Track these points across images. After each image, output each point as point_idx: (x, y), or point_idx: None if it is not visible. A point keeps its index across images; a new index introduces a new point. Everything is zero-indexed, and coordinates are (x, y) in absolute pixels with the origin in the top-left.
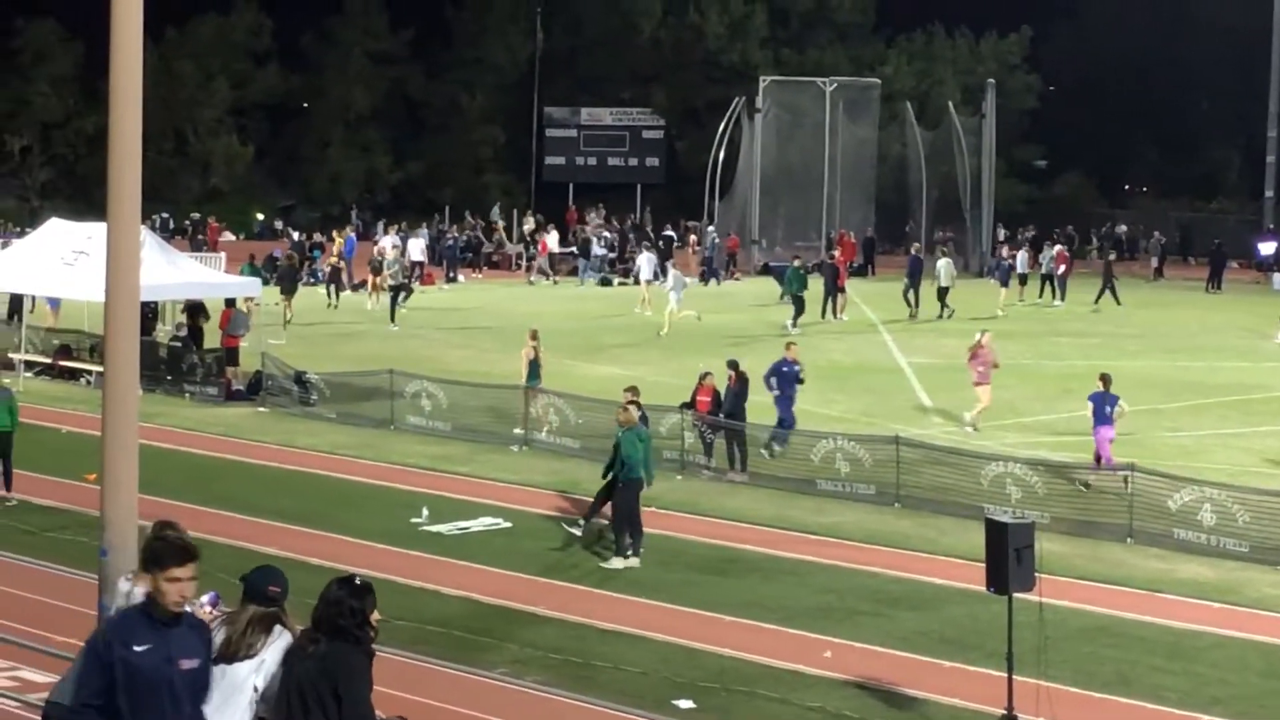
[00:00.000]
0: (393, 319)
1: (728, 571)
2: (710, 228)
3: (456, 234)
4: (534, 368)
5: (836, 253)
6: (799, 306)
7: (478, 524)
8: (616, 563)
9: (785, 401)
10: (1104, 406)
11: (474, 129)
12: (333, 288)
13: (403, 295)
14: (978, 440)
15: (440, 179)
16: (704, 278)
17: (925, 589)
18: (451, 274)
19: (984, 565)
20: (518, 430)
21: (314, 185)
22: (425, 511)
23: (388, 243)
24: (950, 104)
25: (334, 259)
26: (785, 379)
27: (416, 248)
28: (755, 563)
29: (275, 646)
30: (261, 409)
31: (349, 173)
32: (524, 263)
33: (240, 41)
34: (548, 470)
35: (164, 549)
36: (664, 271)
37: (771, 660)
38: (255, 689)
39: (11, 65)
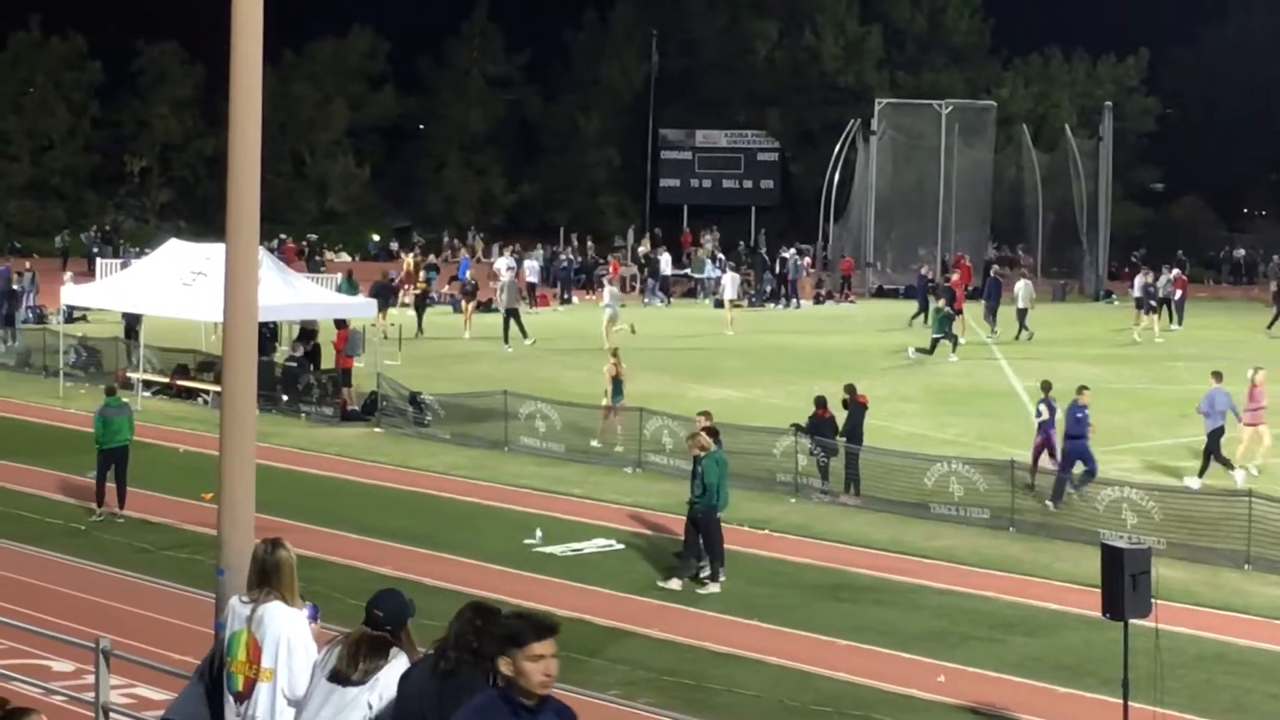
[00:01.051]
0: (506, 340)
1: (841, 595)
2: (790, 250)
3: (571, 256)
4: (617, 385)
5: (955, 276)
6: (934, 347)
7: (591, 545)
8: (714, 588)
9: (1083, 444)
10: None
11: (589, 151)
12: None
13: (515, 317)
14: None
15: (555, 201)
16: (776, 298)
17: (1040, 614)
18: (566, 295)
19: (1099, 591)
20: (609, 447)
21: (429, 207)
22: (539, 533)
23: (502, 264)
24: (1067, 127)
25: (420, 284)
26: (1082, 423)
27: (531, 269)
28: (868, 586)
29: (390, 668)
30: (376, 429)
31: (464, 194)
32: (638, 284)
33: (357, 64)
34: (660, 492)
35: (524, 626)
36: (772, 294)
37: (884, 685)
38: (370, 706)
39: (132, 87)
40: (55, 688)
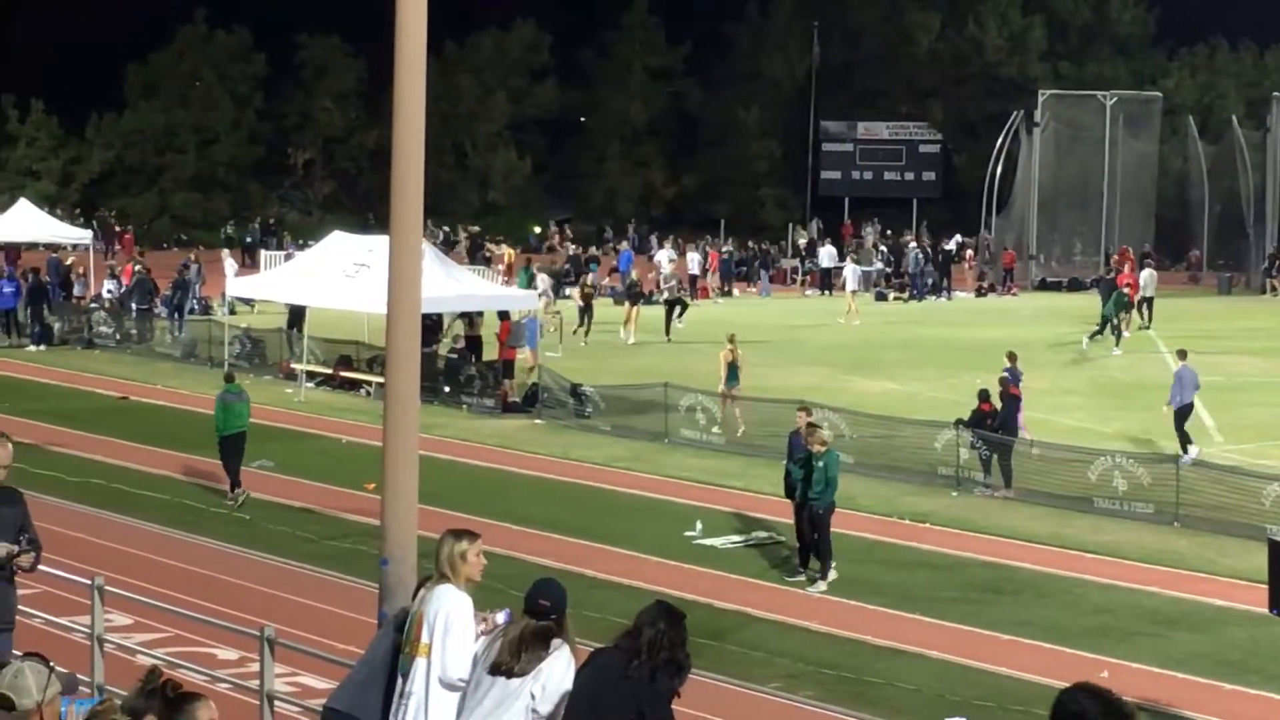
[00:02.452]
0: (668, 333)
1: (1002, 589)
2: (912, 244)
3: (732, 248)
4: (733, 370)
5: (1123, 270)
6: (1103, 326)
7: (751, 538)
8: (821, 586)
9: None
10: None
11: (750, 143)
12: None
13: (679, 310)
14: (1259, 460)
15: (716, 193)
16: (937, 290)
17: (1204, 610)
18: (726, 288)
19: (1266, 587)
20: (731, 433)
21: (590, 199)
22: (699, 525)
23: (663, 256)
24: (1234, 118)
25: (587, 287)
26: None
27: (693, 261)
28: (1030, 581)
29: (554, 658)
30: (537, 421)
31: (625, 187)
32: (799, 276)
33: (519, 57)
34: None
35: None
36: (933, 286)
37: (1047, 679)
38: (532, 696)
39: (296, 80)
40: (221, 675)
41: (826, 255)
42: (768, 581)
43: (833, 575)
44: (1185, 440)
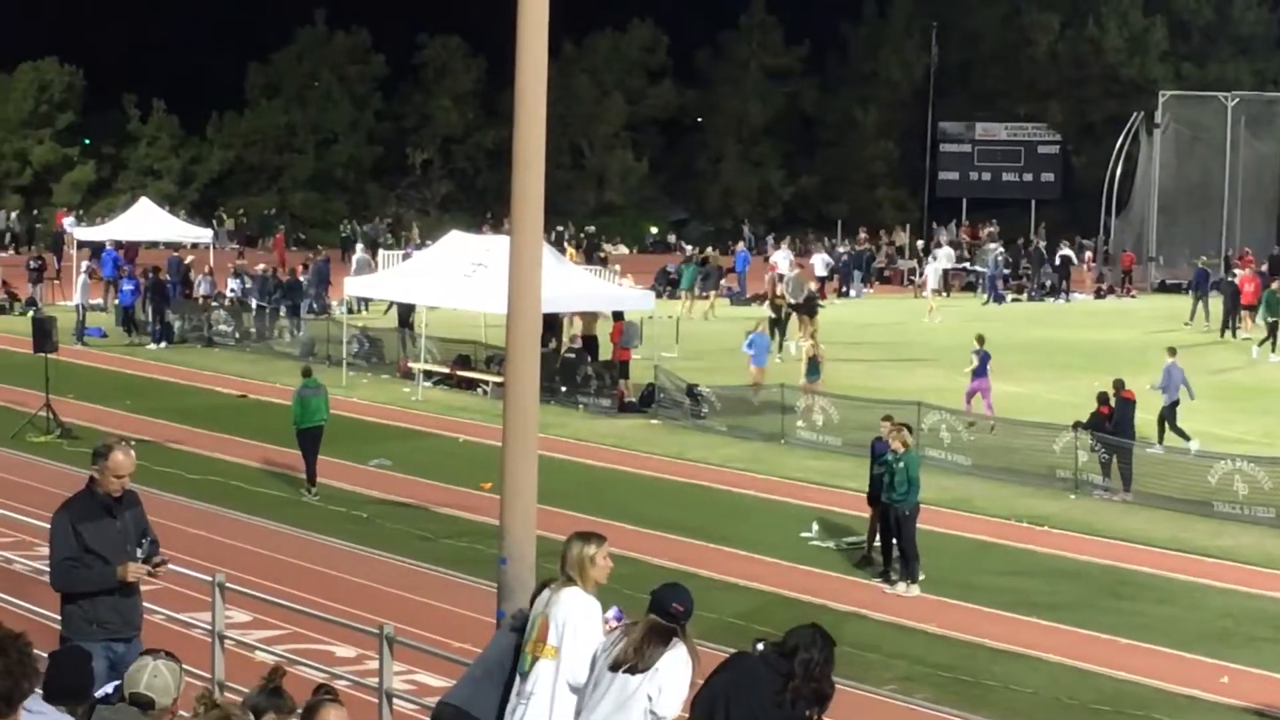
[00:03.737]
0: (771, 334)
1: (1121, 593)
2: (991, 245)
3: (850, 249)
4: (813, 365)
5: (1242, 272)
6: (1272, 331)
7: (866, 539)
8: (907, 588)
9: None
10: (986, 362)
11: (868, 144)
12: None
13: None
14: None
15: (833, 194)
16: (1055, 292)
17: None
18: (845, 289)
19: None
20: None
21: (707, 199)
22: (815, 526)
23: (781, 258)
24: None
25: (779, 299)
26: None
27: (820, 262)
28: (1149, 584)
29: (670, 658)
30: (653, 421)
31: (742, 187)
32: (916, 277)
33: (636, 57)
34: (938, 487)
35: None
36: (1051, 288)
37: (1166, 684)
38: (649, 698)
39: (415, 80)
40: (339, 672)
41: (944, 256)
42: (884, 583)
43: (921, 577)
44: (1180, 435)
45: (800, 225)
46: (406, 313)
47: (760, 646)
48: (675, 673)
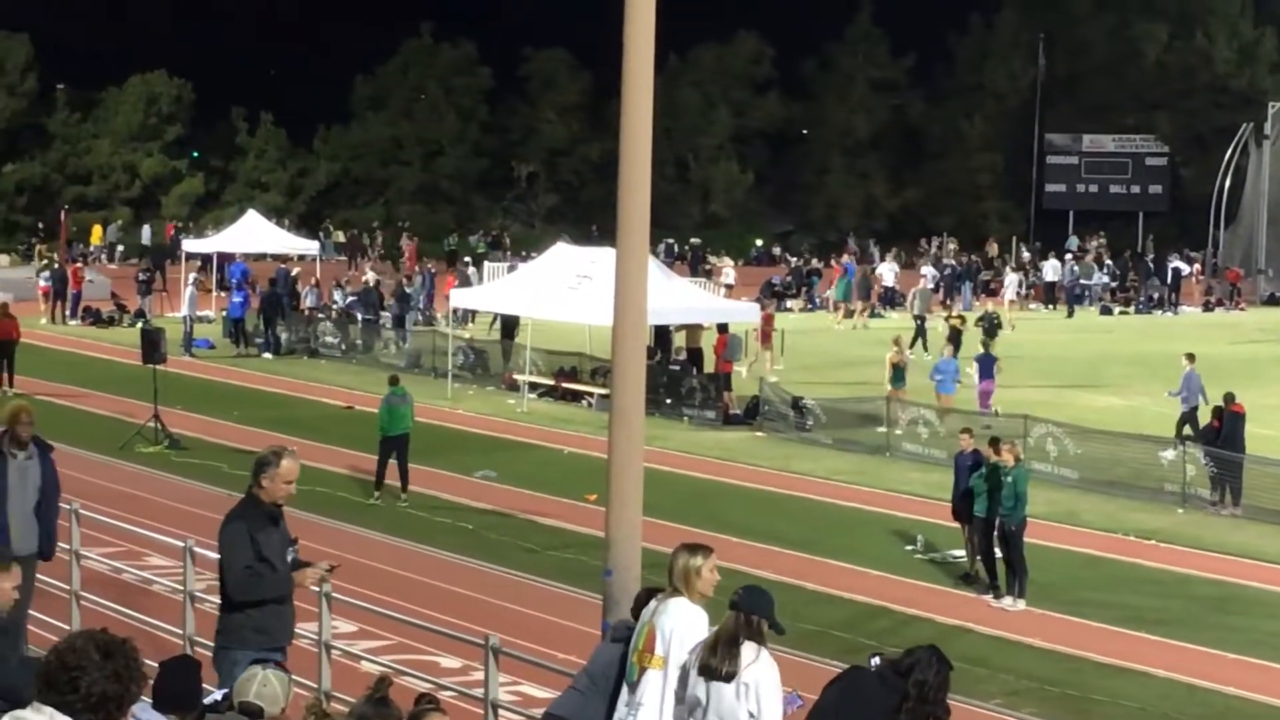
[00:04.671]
0: (921, 346)
1: (1230, 608)
2: (1068, 256)
3: (955, 262)
4: (898, 372)
5: None
6: None
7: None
8: (1014, 602)
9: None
10: (990, 366)
11: (974, 155)
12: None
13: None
14: None
15: (938, 206)
16: (1163, 304)
17: None
18: (949, 301)
19: None
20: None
21: (812, 212)
22: (920, 539)
23: (887, 270)
24: None
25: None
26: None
27: (929, 276)
28: (1259, 600)
29: (758, 670)
30: (758, 433)
31: (847, 199)
32: (1021, 290)
33: (741, 69)
34: (1046, 500)
35: None
36: (1159, 300)
37: (1275, 700)
38: (750, 715)
39: (521, 93)
40: (445, 683)
41: (1050, 269)
42: (990, 597)
43: (1019, 599)
44: (1181, 437)
45: (905, 238)
46: (511, 325)
47: (876, 660)
48: (768, 685)
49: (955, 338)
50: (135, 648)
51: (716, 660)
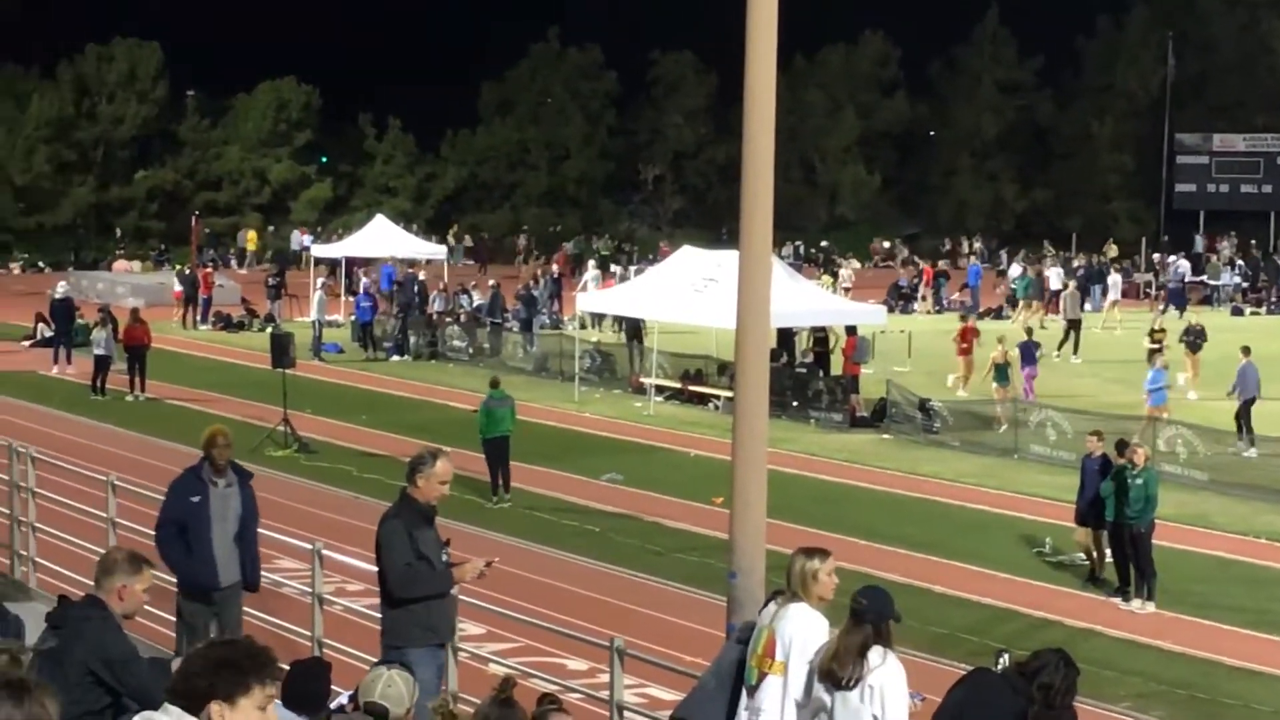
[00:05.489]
0: (1072, 349)
1: None
2: (1172, 257)
3: (1085, 263)
4: (1001, 371)
5: None
6: None
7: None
8: (1145, 605)
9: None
10: (1033, 353)
11: (1102, 156)
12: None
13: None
14: None
15: (1067, 207)
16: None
17: None
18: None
19: None
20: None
21: (939, 213)
22: (1048, 542)
23: (1015, 272)
24: None
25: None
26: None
27: (1055, 276)
28: None
29: (884, 674)
30: (885, 436)
31: (974, 200)
32: (1151, 291)
33: (868, 71)
34: (1176, 502)
35: None
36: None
37: None
38: (875, 718)
39: (647, 97)
40: (571, 685)
41: (1182, 269)
42: (1118, 599)
43: (1148, 603)
44: (1245, 431)
45: (1033, 239)
46: (636, 328)
47: (1004, 660)
48: (894, 688)
49: (1158, 351)
50: (269, 652)
51: (841, 668)
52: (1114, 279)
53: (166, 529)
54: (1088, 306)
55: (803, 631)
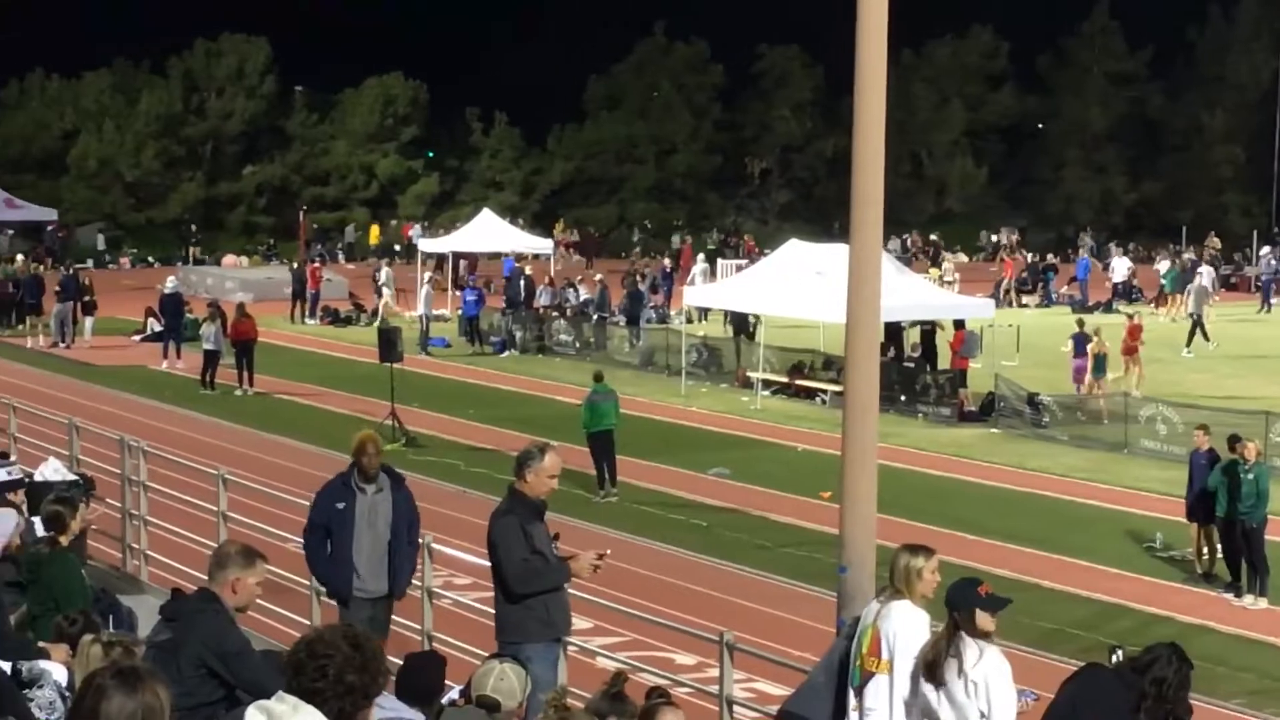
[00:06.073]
0: (1188, 345)
1: None
2: (1265, 249)
3: (1195, 257)
4: (1099, 362)
5: None
6: None
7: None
8: (1258, 601)
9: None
10: (1083, 344)
11: (1213, 148)
12: None
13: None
14: None
15: (1178, 200)
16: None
17: None
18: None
19: None
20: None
21: (1047, 207)
22: (1159, 537)
23: (1120, 265)
24: None
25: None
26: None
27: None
28: None
29: (984, 665)
30: (993, 430)
31: (1083, 194)
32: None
33: (976, 64)
34: None
35: None
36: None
37: None
38: (981, 714)
39: (755, 90)
40: (680, 679)
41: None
42: (1230, 595)
43: (1260, 599)
44: None
45: (1143, 232)
46: (743, 322)
47: (1118, 655)
48: (998, 680)
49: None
50: (379, 643)
51: (938, 664)
52: (1205, 269)
53: (314, 535)
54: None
55: (906, 629)
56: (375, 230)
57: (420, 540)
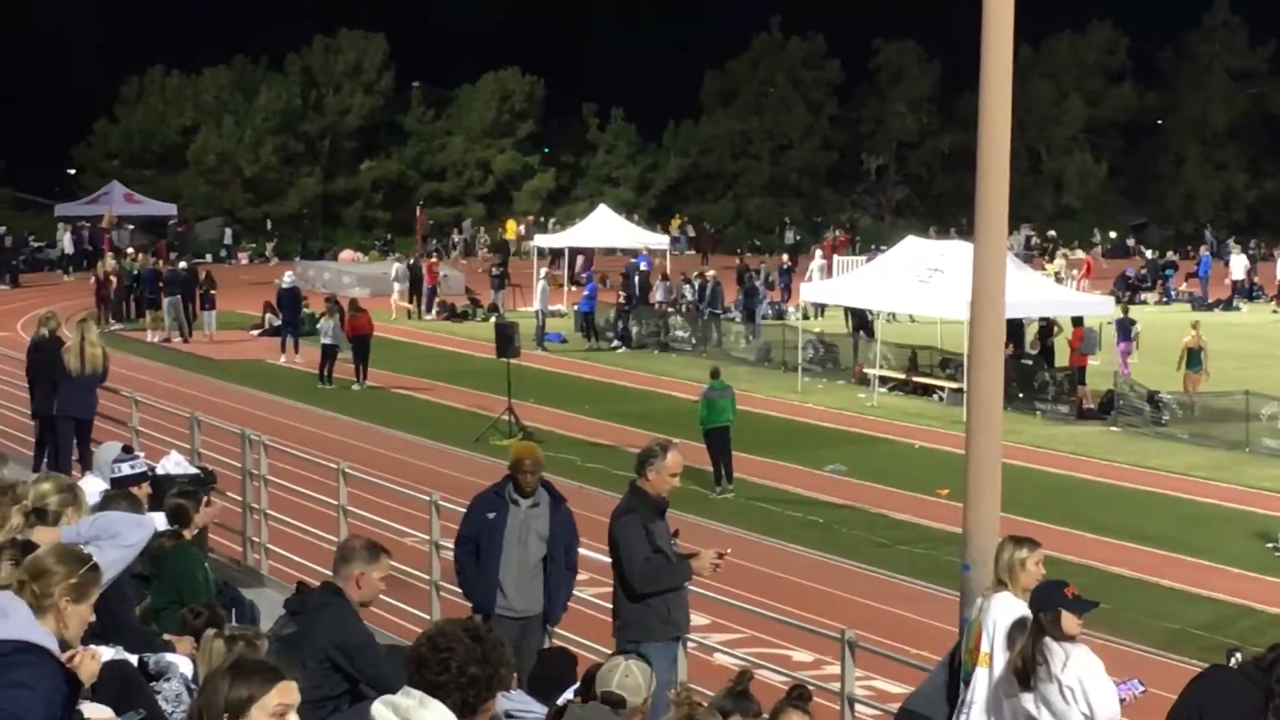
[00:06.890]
0: None
1: None
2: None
3: None
4: (1194, 356)
5: None
6: None
7: None
8: None
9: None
10: (1128, 330)
11: None
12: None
13: None
14: None
15: None
16: None
17: None
18: None
19: None
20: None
21: (1167, 203)
22: None
23: (1237, 263)
24: None
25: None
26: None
27: (1239, 266)
28: None
29: (1075, 668)
30: (1113, 428)
31: (1204, 190)
32: None
33: (1095, 59)
34: None
35: None
36: None
37: None
38: (1085, 717)
39: (871, 86)
40: (799, 676)
41: None
42: None
43: None
44: None
45: (1265, 230)
46: (861, 318)
47: (1236, 658)
48: (1093, 681)
49: None
50: (501, 636)
51: (1027, 669)
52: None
53: (463, 547)
54: None
55: (1005, 620)
56: (511, 226)
57: None
